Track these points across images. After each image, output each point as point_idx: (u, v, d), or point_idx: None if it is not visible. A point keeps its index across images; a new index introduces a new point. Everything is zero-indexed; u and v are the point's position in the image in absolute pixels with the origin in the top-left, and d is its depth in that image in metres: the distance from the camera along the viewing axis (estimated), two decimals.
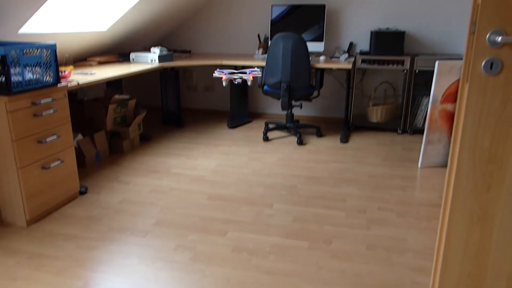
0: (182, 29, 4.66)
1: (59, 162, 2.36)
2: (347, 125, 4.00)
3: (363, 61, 3.72)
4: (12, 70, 2.01)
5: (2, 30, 2.40)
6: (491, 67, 1.02)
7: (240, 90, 4.30)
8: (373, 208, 2.42)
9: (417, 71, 3.64)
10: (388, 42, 3.64)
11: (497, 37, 0.99)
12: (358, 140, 3.74)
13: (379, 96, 4.16)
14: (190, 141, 3.74)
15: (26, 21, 2.49)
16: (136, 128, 3.54)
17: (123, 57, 3.74)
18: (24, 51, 2.07)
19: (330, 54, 4.23)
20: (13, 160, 2.10)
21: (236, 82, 2.66)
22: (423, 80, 3.67)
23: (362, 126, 4.07)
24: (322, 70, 3.63)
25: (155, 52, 3.58)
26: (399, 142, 3.68)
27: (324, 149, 3.49)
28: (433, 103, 2.85)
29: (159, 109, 4.98)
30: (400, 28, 3.96)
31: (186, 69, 4.77)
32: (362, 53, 3.80)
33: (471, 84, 1.02)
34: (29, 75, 2.12)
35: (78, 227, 2.20)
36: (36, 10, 2.43)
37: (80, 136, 3.08)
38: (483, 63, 1.02)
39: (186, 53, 4.43)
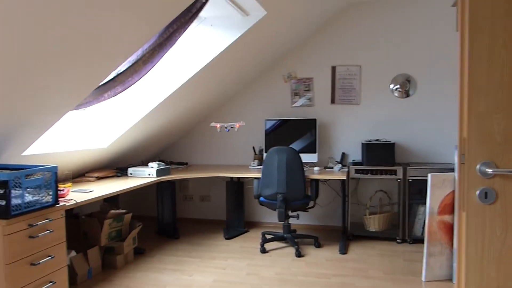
0: (179, 142, 4.84)
1: (50, 284, 2.26)
2: (345, 234, 3.96)
3: (356, 171, 3.82)
4: (13, 193, 2.03)
5: (6, 153, 2.48)
6: (485, 197, 1.06)
7: (236, 199, 4.33)
8: None
9: (410, 180, 3.73)
10: (379, 153, 3.79)
11: (487, 169, 1.05)
12: (357, 251, 3.66)
13: (375, 204, 4.19)
14: (185, 254, 3.64)
15: (30, 145, 2.59)
16: (130, 243, 3.46)
17: (121, 172, 3.81)
18: (27, 175, 2.12)
19: (323, 164, 4.36)
20: (3, 284, 2.01)
21: (227, 130, 3.13)
22: (417, 189, 3.75)
23: (360, 235, 4.02)
24: (317, 181, 3.71)
25: (153, 166, 3.67)
26: (400, 252, 3.61)
27: (323, 261, 3.40)
28: (430, 214, 2.88)
29: (154, 219, 4.92)
30: (389, 139, 4.16)
31: (182, 180, 4.84)
32: (355, 163, 3.93)
33: (469, 214, 1.06)
34: (29, 198, 2.14)
35: None
36: (41, 135, 2.55)
37: (73, 253, 2.99)
38: (477, 193, 1.07)
39: (183, 165, 4.54)
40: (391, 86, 4.18)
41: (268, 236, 4.01)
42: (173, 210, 4.21)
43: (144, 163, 4.66)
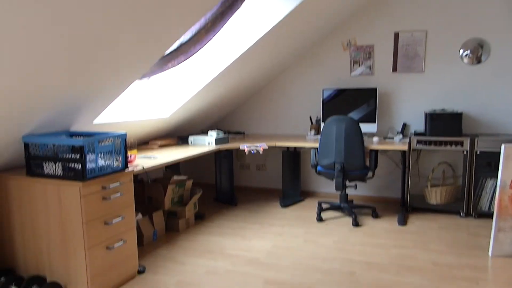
0: (237, 112, 4.91)
1: (122, 242, 2.45)
2: (404, 206, 3.86)
3: (418, 142, 3.68)
4: (87, 157, 2.19)
5: (80, 122, 2.66)
6: None
7: (292, 168, 4.35)
8: None
9: (478, 152, 3.53)
10: (445, 123, 3.60)
11: None
12: (417, 223, 3.57)
13: (437, 176, 4.03)
14: (244, 220, 3.75)
15: (100, 113, 2.75)
16: (191, 208, 3.62)
17: (182, 140, 3.96)
18: (100, 141, 2.26)
19: (383, 135, 4.23)
20: (82, 240, 2.20)
21: (253, 152, 3.20)
22: (485, 161, 3.54)
23: (420, 207, 3.91)
24: (376, 151, 3.62)
25: (212, 135, 3.77)
26: (464, 226, 3.47)
27: (381, 232, 3.36)
28: (501, 188, 2.72)
29: (213, 187, 5.11)
30: (456, 108, 3.94)
31: (239, 149, 4.93)
32: (416, 133, 3.78)
33: None
34: (101, 162, 2.30)
35: None
36: (110, 104, 2.70)
37: (140, 216, 3.19)
38: None
39: (240, 134, 4.62)
40: (461, 51, 3.91)
41: (324, 206, 4.02)
42: (230, 178, 4.33)
43: (204, 132, 4.80)
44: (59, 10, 1.59)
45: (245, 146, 3.36)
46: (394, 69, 4.14)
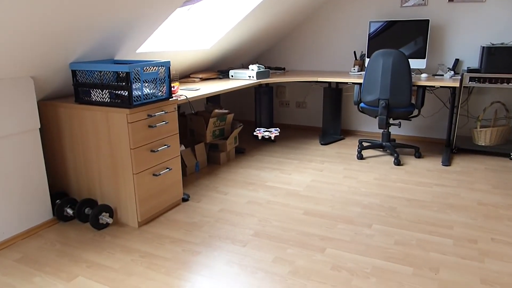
0: (277, 47, 4.77)
1: (167, 170, 2.53)
2: (449, 147, 3.74)
3: (471, 79, 3.46)
4: (133, 86, 2.21)
5: (123, 50, 2.67)
6: None
7: (333, 106, 4.26)
8: (486, 238, 2.21)
9: None
10: (504, 59, 3.34)
11: None
12: (462, 164, 3.46)
13: (488, 117, 3.83)
14: (283, 155, 3.77)
15: (143, 42, 2.74)
16: (232, 141, 3.67)
17: (223, 74, 3.92)
18: (144, 68, 2.27)
19: (432, 72, 4.01)
20: (130, 166, 2.29)
21: (266, 137, 3.16)
22: None
23: (466, 149, 3.77)
24: (424, 88, 3.46)
25: (253, 69, 3.71)
26: None
27: (424, 171, 3.29)
28: None
29: (252, 123, 5.12)
30: None
31: (279, 85, 4.86)
32: (470, 70, 3.55)
33: None
34: (146, 90, 2.32)
35: (182, 232, 2.32)
36: (152, 33, 2.67)
37: (182, 147, 3.27)
38: None
39: (281, 70, 4.52)
40: None
41: (365, 144, 3.96)
42: (270, 115, 4.31)
43: (244, 66, 4.74)
44: None
45: (260, 130, 3.33)
46: None
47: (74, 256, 2.09)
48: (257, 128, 3.16)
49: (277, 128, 3.18)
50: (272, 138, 3.18)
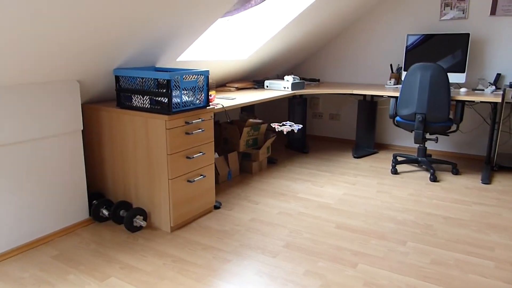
0: (312, 58, 4.77)
1: (201, 177, 2.57)
2: (489, 164, 3.61)
3: None
4: (173, 93, 2.27)
5: (164, 58, 2.74)
6: None
7: (368, 119, 4.21)
8: None
9: None
10: None
11: None
12: (504, 182, 3.33)
13: None
14: (315, 167, 3.75)
15: (184, 51, 2.81)
16: (265, 151, 3.68)
17: (258, 84, 3.96)
18: (184, 77, 2.32)
19: (471, 86, 3.90)
20: (166, 171, 2.34)
21: (285, 132, 3.08)
22: None
23: (508, 167, 3.62)
24: (463, 103, 3.36)
25: (289, 80, 3.72)
26: None
27: (461, 189, 3.19)
28: None
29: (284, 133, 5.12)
30: None
31: (312, 97, 4.85)
32: None
33: None
34: (185, 98, 2.37)
35: (214, 239, 2.34)
36: (192, 42, 2.74)
37: (216, 155, 3.31)
38: None
39: (315, 81, 4.51)
40: None
41: (400, 158, 3.88)
42: (303, 126, 4.30)
43: (279, 77, 4.76)
44: None
45: (279, 124, 3.31)
46: (493, 12, 3.71)
47: (108, 257, 2.14)
48: (278, 124, 3.15)
49: (300, 125, 3.16)
50: (285, 132, 3.16)
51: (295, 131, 3.15)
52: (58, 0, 1.66)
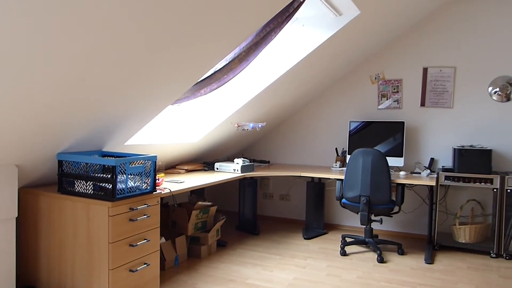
0: (262, 141, 4.95)
1: (145, 265, 2.45)
2: (431, 243, 3.75)
3: (446, 177, 3.60)
4: (118, 178, 2.24)
5: (112, 142, 2.74)
6: None
7: (316, 200, 4.31)
8: None
9: (509, 190, 3.43)
10: (474, 160, 3.53)
11: None
12: (445, 262, 3.45)
13: (465, 214, 3.91)
14: (266, 250, 3.70)
15: (132, 135, 2.83)
16: (214, 234, 3.61)
17: (208, 166, 4.00)
18: (131, 162, 2.32)
19: (410, 169, 4.17)
20: (106, 261, 2.22)
21: (250, 129, 3.08)
22: None
23: (448, 246, 3.78)
24: (403, 186, 3.56)
25: (238, 163, 3.80)
26: (494, 267, 3.33)
27: (407, 270, 3.25)
28: None
29: (235, 214, 5.09)
30: (485, 145, 3.86)
31: (263, 178, 4.94)
32: (445, 169, 3.70)
33: None
34: (130, 183, 2.34)
35: None
36: (141, 128, 2.78)
37: (163, 239, 3.20)
38: None
39: (265, 163, 4.63)
40: (489, 89, 3.87)
41: (348, 239, 3.94)
42: (254, 207, 4.32)
43: (229, 159, 4.84)
44: (102, 31, 1.68)
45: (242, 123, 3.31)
46: (422, 103, 4.12)
47: None
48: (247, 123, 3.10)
49: (263, 124, 3.14)
50: (250, 128, 3.12)
51: (257, 129, 3.10)
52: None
